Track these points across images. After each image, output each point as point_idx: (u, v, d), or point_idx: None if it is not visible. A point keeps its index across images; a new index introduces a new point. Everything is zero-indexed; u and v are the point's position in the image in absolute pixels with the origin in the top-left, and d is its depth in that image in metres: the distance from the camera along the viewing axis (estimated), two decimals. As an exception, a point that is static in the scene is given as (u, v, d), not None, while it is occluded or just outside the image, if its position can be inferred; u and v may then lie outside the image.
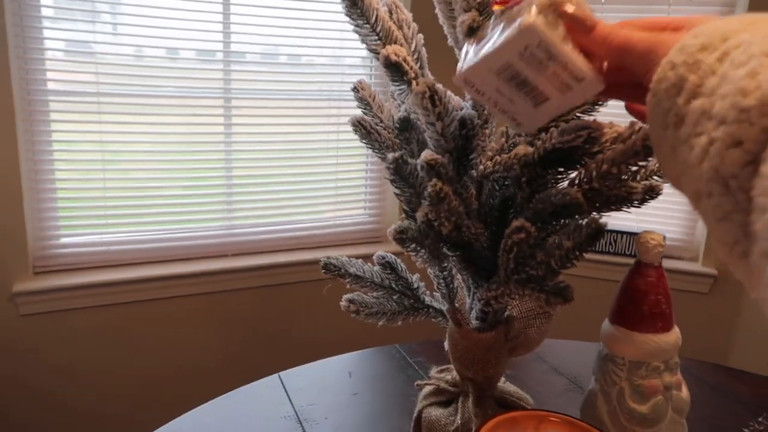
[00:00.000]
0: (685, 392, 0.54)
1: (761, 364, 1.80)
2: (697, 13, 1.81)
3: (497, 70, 0.41)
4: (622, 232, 1.96)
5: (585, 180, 0.49)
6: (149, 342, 1.70)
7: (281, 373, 0.85)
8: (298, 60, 1.87)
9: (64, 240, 1.61)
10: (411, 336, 1.06)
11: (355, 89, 0.62)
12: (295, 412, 0.76)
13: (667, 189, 0.44)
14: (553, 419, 0.51)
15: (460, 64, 0.44)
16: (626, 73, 0.37)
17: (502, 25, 0.40)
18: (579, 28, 0.38)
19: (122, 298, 1.64)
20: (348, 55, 1.92)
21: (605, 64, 0.39)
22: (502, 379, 0.66)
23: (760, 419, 0.78)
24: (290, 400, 0.79)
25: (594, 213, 0.52)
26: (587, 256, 0.50)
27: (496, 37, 0.40)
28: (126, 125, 1.63)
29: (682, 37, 0.32)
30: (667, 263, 2.12)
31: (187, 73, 1.69)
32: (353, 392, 0.82)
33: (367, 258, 0.65)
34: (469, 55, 0.43)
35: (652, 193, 0.52)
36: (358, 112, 0.64)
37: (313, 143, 1.93)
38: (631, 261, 0.54)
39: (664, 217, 1.94)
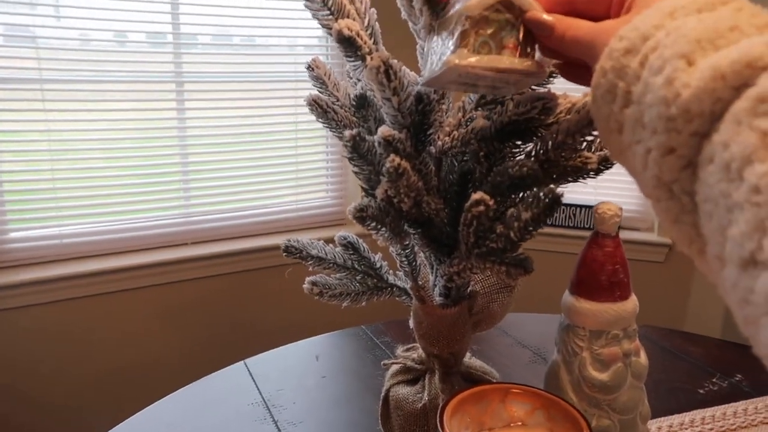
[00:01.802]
0: (643, 358, 0.55)
1: (714, 328, 1.88)
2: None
3: (447, 83, 0.44)
4: (581, 206, 2.00)
5: (541, 151, 0.49)
6: (109, 336, 1.65)
7: (247, 360, 0.84)
8: (252, 42, 1.83)
9: (13, 235, 1.54)
10: (377, 316, 1.06)
11: (309, 68, 0.61)
12: (263, 398, 0.75)
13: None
14: (518, 391, 0.52)
15: (421, 63, 0.47)
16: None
17: (450, 27, 0.41)
18: (540, 32, 0.39)
19: (78, 292, 1.59)
20: (303, 35, 1.89)
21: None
22: (468, 354, 0.66)
23: (714, 380, 0.81)
24: (257, 386, 0.78)
25: (551, 184, 0.53)
26: (547, 230, 0.50)
27: (441, 45, 0.42)
28: (73, 113, 1.56)
29: (618, 28, 0.31)
30: (624, 234, 2.18)
31: (136, 57, 1.63)
32: (321, 375, 0.81)
33: (330, 241, 0.64)
34: (429, 57, 0.44)
35: (607, 162, 0.52)
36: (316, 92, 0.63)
37: (271, 126, 1.89)
38: (590, 234, 0.55)
39: (620, 190, 1.99)
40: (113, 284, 1.63)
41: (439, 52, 0.43)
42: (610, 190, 2.00)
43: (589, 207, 1.99)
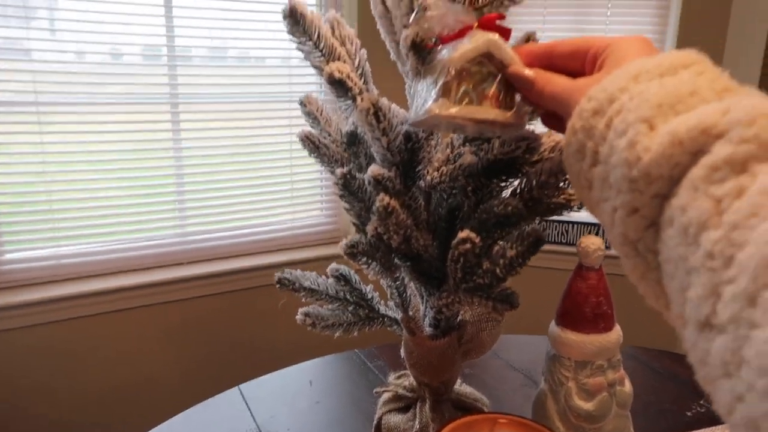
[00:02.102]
0: (627, 387, 0.57)
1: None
2: (635, 11, 1.87)
3: (432, 126, 0.45)
4: (573, 222, 2.02)
5: (526, 190, 0.51)
6: (106, 356, 1.66)
7: (241, 386, 0.85)
8: (246, 61, 1.85)
9: (9, 256, 1.55)
10: (370, 340, 1.07)
11: (302, 104, 0.63)
12: (257, 425, 0.76)
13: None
14: (505, 420, 0.53)
15: (410, 103, 0.48)
16: None
17: (434, 75, 0.43)
18: (521, 86, 0.40)
19: (74, 312, 1.59)
20: (297, 56, 1.91)
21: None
22: (459, 381, 0.68)
23: (701, 402, 0.83)
24: (251, 413, 0.79)
25: (538, 219, 0.54)
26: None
27: (426, 90, 0.43)
28: (69, 134, 1.58)
29: (590, 87, 0.33)
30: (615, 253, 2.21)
31: (131, 79, 1.65)
32: (315, 400, 0.82)
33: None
34: (415, 99, 0.46)
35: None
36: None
37: (266, 145, 1.91)
38: (575, 266, 0.57)
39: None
40: (109, 304, 1.64)
41: (424, 97, 0.45)
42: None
43: (582, 223, 2.01)
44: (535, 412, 0.58)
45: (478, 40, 0.41)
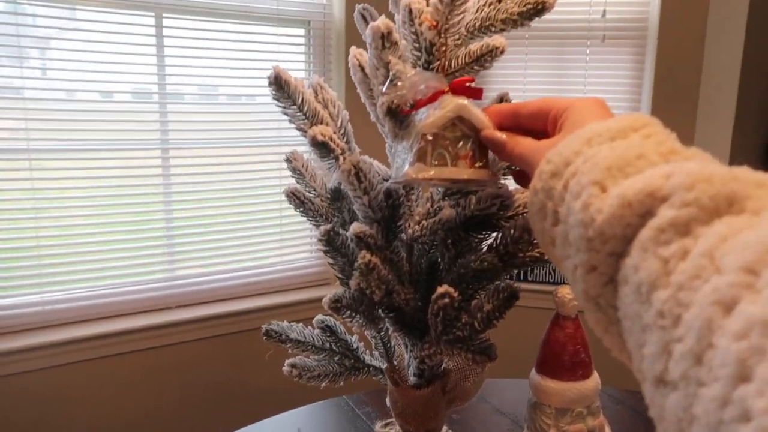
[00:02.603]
0: (608, 433, 0.58)
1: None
2: (611, 50, 1.94)
3: (413, 184, 0.48)
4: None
5: (501, 245, 0.53)
6: (94, 403, 1.64)
7: (229, 436, 0.85)
8: (237, 99, 1.89)
9: (-3, 303, 1.55)
10: (358, 385, 1.07)
11: (288, 160, 0.65)
12: (244, 476, 0.76)
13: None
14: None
15: (390, 160, 0.52)
16: None
17: (410, 140, 0.46)
18: (493, 149, 0.43)
19: (62, 359, 1.58)
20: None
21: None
22: (445, 428, 0.69)
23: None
24: (238, 463, 0.79)
25: (514, 272, 0.57)
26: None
27: (403, 152, 0.46)
28: (59, 181, 1.60)
29: (550, 149, 0.35)
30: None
31: (121, 124, 1.67)
32: (302, 449, 0.83)
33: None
34: (396, 158, 0.49)
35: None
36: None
37: (256, 189, 1.93)
38: (552, 316, 0.59)
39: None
40: (98, 350, 1.63)
41: (403, 158, 0.48)
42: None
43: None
44: (518, 461, 0.59)
45: (447, 105, 0.44)
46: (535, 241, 0.53)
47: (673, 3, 1.85)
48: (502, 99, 0.59)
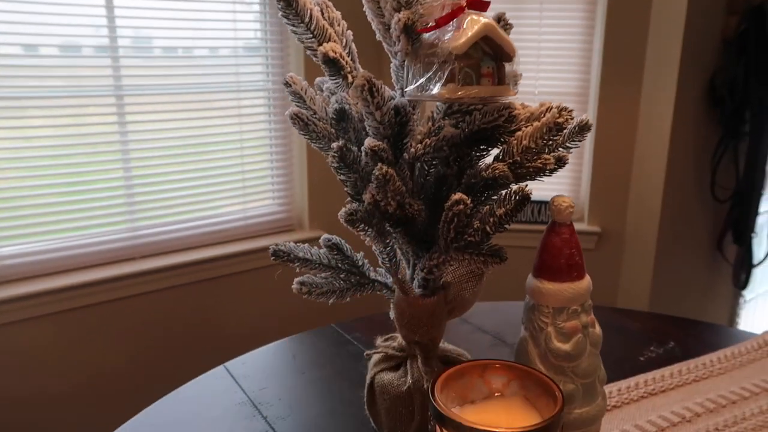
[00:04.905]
0: (598, 329, 0.64)
1: (643, 305, 2.05)
2: (564, 12, 1.98)
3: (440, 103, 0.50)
4: (543, 202, 2.13)
5: (507, 155, 0.57)
6: (62, 356, 1.61)
7: (226, 364, 0.87)
8: (191, 52, 1.83)
9: (-50, 259, 1.48)
10: (344, 313, 1.11)
11: (287, 84, 0.66)
12: (249, 398, 0.79)
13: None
14: (495, 366, 0.59)
15: (394, 80, 0.56)
16: None
17: (437, 60, 0.48)
18: None
19: (24, 314, 1.54)
20: (245, 46, 1.90)
21: None
22: (442, 339, 0.73)
23: (651, 348, 0.92)
24: (240, 386, 0.81)
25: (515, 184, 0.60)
26: (518, 226, 0.58)
27: (425, 72, 0.50)
28: (10, 130, 1.52)
29: None
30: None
31: (76, 71, 1.60)
32: (300, 372, 0.86)
33: None
34: (412, 77, 0.52)
35: (561, 162, 0.60)
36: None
37: (216, 136, 1.90)
38: (548, 224, 0.63)
39: (551, 183, 2.12)
40: (63, 303, 1.60)
41: (427, 77, 0.49)
42: (544, 184, 2.13)
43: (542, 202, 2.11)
44: (518, 358, 0.64)
45: (474, 25, 0.46)
46: (540, 150, 0.56)
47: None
48: (500, 19, 0.61)
